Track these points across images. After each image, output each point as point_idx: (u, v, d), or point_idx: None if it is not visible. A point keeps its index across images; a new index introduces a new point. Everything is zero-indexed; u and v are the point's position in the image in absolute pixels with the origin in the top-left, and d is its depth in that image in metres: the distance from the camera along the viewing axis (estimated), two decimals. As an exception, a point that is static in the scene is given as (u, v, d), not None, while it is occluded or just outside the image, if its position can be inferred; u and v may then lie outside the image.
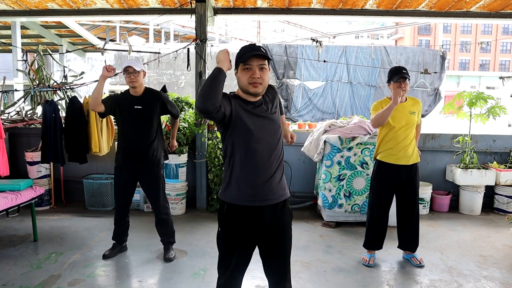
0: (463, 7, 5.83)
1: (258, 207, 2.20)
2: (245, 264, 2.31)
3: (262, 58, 2.11)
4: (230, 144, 2.21)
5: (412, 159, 3.80)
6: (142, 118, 3.77)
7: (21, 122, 6.03)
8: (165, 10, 5.90)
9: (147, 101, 3.80)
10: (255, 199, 2.19)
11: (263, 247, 2.29)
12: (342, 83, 11.56)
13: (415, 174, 3.84)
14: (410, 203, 3.87)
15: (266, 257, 2.31)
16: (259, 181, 2.18)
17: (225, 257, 2.29)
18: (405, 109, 3.78)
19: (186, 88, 9.98)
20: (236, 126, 2.17)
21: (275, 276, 2.31)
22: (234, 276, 2.29)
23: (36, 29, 8.63)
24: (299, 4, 5.78)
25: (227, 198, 2.23)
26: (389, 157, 3.80)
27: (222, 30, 19.96)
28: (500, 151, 5.92)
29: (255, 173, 2.18)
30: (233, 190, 2.21)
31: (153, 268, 3.76)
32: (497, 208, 5.69)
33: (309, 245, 4.37)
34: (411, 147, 3.80)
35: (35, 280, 3.44)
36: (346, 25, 43.89)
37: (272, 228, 2.25)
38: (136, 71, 3.69)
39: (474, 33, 46.44)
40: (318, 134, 5.14)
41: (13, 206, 4.04)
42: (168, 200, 4.08)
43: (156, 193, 3.90)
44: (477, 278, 3.63)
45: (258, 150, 2.17)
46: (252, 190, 2.19)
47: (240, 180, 2.20)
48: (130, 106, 3.77)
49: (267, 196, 2.20)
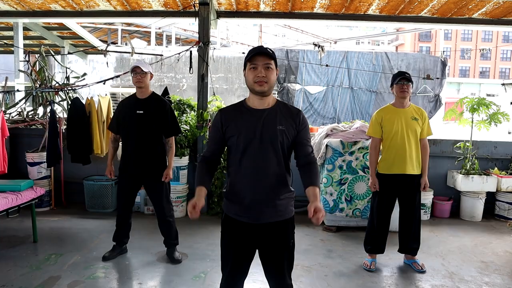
0: (465, 14, 5.85)
1: (249, 224, 2.20)
2: (243, 270, 2.30)
3: (268, 57, 2.11)
4: (228, 153, 2.27)
5: (412, 169, 3.73)
6: (143, 123, 3.75)
7: (22, 122, 6.02)
8: (168, 13, 5.91)
9: (151, 106, 3.78)
10: (243, 216, 2.20)
11: (261, 254, 2.29)
12: (343, 88, 11.56)
13: (417, 184, 3.81)
14: (411, 209, 3.86)
15: (263, 262, 2.30)
16: (246, 200, 2.17)
17: (224, 262, 2.31)
18: (407, 114, 3.75)
19: (188, 91, 9.97)
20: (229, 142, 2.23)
21: (272, 282, 2.31)
22: (234, 282, 2.30)
23: (38, 30, 8.64)
24: (301, 8, 5.80)
25: (224, 207, 2.30)
26: (388, 168, 3.77)
27: (224, 34, 20.00)
28: (502, 157, 5.92)
29: (243, 191, 2.18)
30: (226, 200, 2.27)
31: (153, 270, 3.74)
32: (498, 215, 5.68)
33: (310, 249, 4.35)
34: (413, 157, 3.72)
35: (35, 281, 3.42)
36: (347, 31, 43.98)
37: (268, 243, 2.24)
38: (143, 72, 3.70)
39: (474, 40, 46.56)
40: (319, 138, 5.13)
41: (14, 206, 4.02)
42: (172, 202, 4.07)
43: (160, 197, 3.89)
44: (478, 284, 3.61)
45: (247, 167, 2.16)
46: (240, 206, 2.20)
47: (231, 193, 2.23)
48: (132, 111, 3.77)
49: (257, 216, 2.19)
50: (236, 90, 13.04)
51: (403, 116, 3.74)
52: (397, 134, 3.72)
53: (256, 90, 2.13)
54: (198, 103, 5.58)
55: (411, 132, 3.74)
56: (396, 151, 3.72)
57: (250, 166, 2.15)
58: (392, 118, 3.76)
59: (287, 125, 2.17)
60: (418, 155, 3.78)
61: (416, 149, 3.76)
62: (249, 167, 2.15)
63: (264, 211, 2.17)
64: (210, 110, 5.56)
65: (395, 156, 3.73)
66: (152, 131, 3.78)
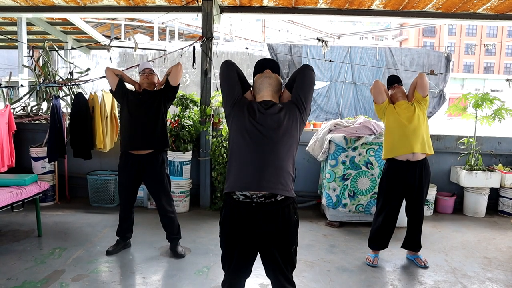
0: (470, 9, 5.81)
1: (254, 208, 2.13)
2: (245, 265, 2.28)
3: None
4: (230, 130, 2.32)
5: (420, 148, 3.70)
6: (145, 106, 3.83)
7: (27, 117, 6.05)
8: (172, 7, 5.90)
9: (151, 95, 3.90)
10: (249, 186, 2.12)
11: (261, 248, 2.23)
12: (346, 84, 11.53)
13: (425, 173, 3.78)
14: (417, 204, 3.84)
15: (263, 257, 2.26)
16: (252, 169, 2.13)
17: (224, 257, 2.30)
18: (405, 104, 3.82)
19: (191, 86, 10.00)
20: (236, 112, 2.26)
21: (271, 275, 2.27)
22: (235, 276, 2.29)
23: (42, 25, 8.65)
24: (305, 3, 5.77)
25: (226, 188, 2.22)
26: (395, 149, 3.76)
27: (227, 29, 19.97)
28: (505, 153, 5.90)
29: (248, 161, 2.16)
30: (230, 178, 2.20)
31: (156, 264, 3.76)
32: (501, 211, 5.67)
33: (312, 245, 4.36)
34: (419, 135, 3.71)
35: (39, 275, 3.45)
36: (350, 26, 43.78)
37: (269, 232, 2.17)
38: (152, 71, 3.98)
39: (479, 35, 46.28)
40: (323, 133, 5.13)
41: (18, 201, 4.05)
42: (172, 197, 4.09)
43: (160, 191, 3.91)
44: (481, 280, 3.61)
45: (248, 143, 2.18)
46: (246, 177, 2.14)
47: (236, 168, 2.20)
48: (136, 96, 3.90)
49: (259, 183, 2.11)
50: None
51: (400, 104, 3.83)
52: (398, 121, 3.75)
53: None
54: (201, 98, 5.58)
55: (413, 116, 3.74)
56: (400, 134, 3.73)
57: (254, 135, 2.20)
58: (394, 107, 3.85)
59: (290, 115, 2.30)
60: (426, 135, 3.77)
61: (424, 133, 3.75)
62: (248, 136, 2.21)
63: (264, 179, 2.16)
64: (213, 106, 5.56)
65: (399, 138, 3.74)
66: (155, 109, 3.86)
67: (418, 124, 3.72)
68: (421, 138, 3.73)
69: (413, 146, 3.69)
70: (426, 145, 3.74)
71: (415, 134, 3.70)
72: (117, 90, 3.93)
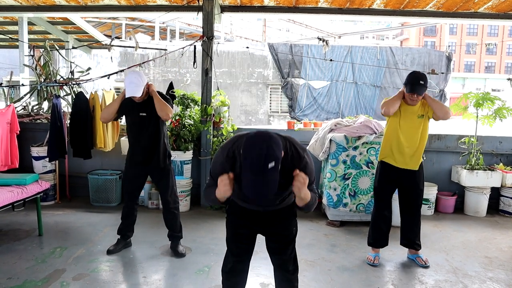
0: (471, 8, 5.80)
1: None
2: (246, 253, 2.47)
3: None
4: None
5: (412, 165, 3.75)
6: (147, 124, 3.82)
7: (27, 117, 6.05)
8: (172, 7, 5.90)
9: (150, 106, 3.79)
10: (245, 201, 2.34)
11: (264, 234, 2.46)
12: (347, 83, 11.54)
13: (418, 178, 3.81)
14: (412, 204, 3.88)
15: (267, 243, 2.47)
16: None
17: (231, 238, 2.48)
18: (414, 113, 3.74)
19: (191, 85, 9.99)
20: None
21: (275, 260, 2.46)
22: (239, 257, 2.48)
23: (43, 25, 8.65)
24: (306, 2, 5.77)
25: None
26: (389, 158, 3.81)
27: (228, 28, 19.96)
28: (507, 153, 5.89)
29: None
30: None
31: (157, 264, 3.76)
32: (502, 210, 5.66)
33: (313, 244, 4.36)
34: (415, 154, 3.73)
35: (40, 274, 3.45)
36: (351, 25, 43.75)
37: (269, 226, 2.41)
38: (140, 97, 3.72)
39: (480, 35, 46.22)
40: (323, 133, 5.13)
41: (19, 200, 4.05)
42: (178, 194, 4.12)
43: (165, 186, 3.96)
44: (482, 280, 3.61)
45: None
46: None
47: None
48: (136, 113, 3.84)
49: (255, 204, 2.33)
50: (240, 84, 13.04)
51: (410, 114, 3.75)
52: (401, 129, 3.73)
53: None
54: (202, 98, 5.58)
55: (416, 129, 3.74)
56: (398, 144, 3.74)
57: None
58: (399, 112, 3.76)
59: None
60: (420, 151, 3.76)
61: (419, 148, 3.75)
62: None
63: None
64: (214, 105, 5.57)
65: (396, 149, 3.75)
66: (156, 127, 3.86)
67: (416, 145, 3.74)
68: (417, 157, 3.77)
69: (407, 163, 3.76)
70: (419, 160, 3.79)
71: (412, 155, 3.75)
72: (119, 115, 3.96)
